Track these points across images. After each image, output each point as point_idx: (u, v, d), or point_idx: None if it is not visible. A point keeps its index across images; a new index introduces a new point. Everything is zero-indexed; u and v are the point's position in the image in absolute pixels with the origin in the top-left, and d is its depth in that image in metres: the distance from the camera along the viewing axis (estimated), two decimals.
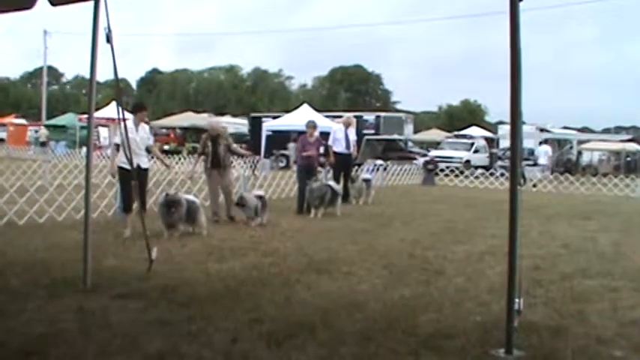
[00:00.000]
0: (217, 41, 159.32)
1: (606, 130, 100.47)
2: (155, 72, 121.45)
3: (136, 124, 13.10)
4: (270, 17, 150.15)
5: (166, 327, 6.95)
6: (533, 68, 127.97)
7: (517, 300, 6.58)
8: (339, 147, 21.18)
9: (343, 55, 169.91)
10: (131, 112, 13.42)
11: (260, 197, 15.51)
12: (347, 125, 21.47)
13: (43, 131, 57.11)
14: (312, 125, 18.72)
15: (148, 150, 13.57)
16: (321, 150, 19.32)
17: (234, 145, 16.82)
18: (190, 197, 13.80)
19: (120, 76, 8.62)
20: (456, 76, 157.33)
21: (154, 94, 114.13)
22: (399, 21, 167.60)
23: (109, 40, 8.18)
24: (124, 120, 9.48)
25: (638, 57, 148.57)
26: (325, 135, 22.13)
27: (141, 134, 13.13)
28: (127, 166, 11.57)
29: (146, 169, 13.44)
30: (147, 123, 13.67)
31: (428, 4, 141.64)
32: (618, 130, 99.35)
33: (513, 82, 6.36)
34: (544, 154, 43.13)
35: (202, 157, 16.21)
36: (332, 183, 18.51)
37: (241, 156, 19.08)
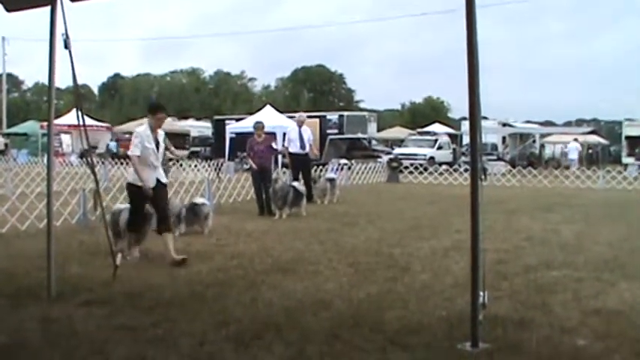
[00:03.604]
0: (181, 45, 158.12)
1: (568, 123, 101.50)
2: (117, 77, 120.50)
3: (153, 130, 11.04)
4: (236, 20, 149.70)
5: (132, 333, 6.92)
6: (497, 63, 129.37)
7: (482, 293, 6.64)
8: (293, 147, 21.12)
9: (306, 55, 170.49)
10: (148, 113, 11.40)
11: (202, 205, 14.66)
12: (300, 124, 21.45)
13: (0, 139, 56.49)
14: (260, 126, 18.64)
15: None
16: (274, 145, 19.21)
17: (172, 148, 14.95)
18: None
19: (81, 81, 8.60)
20: (419, 73, 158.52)
21: (116, 100, 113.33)
22: (360, 20, 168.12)
23: (66, 46, 8.13)
24: (85, 127, 9.37)
25: (601, 51, 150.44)
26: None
27: (160, 143, 11.17)
28: (139, 183, 10.79)
29: (165, 185, 11.50)
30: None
31: (390, 4, 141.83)
32: (580, 122, 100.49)
33: (471, 79, 6.43)
34: (574, 150, 47.53)
35: None
36: (296, 183, 18.51)
37: (176, 156, 18.24)
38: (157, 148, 11.00)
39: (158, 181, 11.06)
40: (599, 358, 6.20)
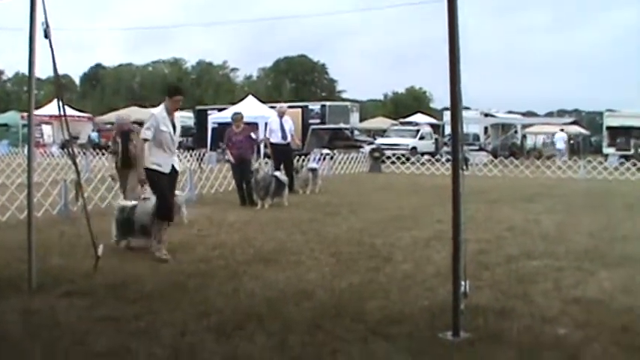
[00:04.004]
0: (163, 35, 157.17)
1: (549, 114, 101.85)
2: (99, 67, 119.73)
3: (170, 113, 10.77)
4: (219, 10, 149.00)
5: (114, 324, 6.91)
6: (480, 54, 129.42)
7: (463, 283, 6.67)
8: (275, 138, 21.16)
9: (288, 46, 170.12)
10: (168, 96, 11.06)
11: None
12: (281, 115, 21.50)
13: None
14: (238, 117, 18.63)
15: None
16: (253, 135, 19.13)
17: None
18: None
19: (62, 71, 8.56)
20: (401, 64, 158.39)
21: (97, 90, 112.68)
22: (342, 11, 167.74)
23: (47, 35, 8.08)
24: (65, 117, 9.31)
25: (583, 43, 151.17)
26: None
27: (177, 126, 10.96)
28: (162, 169, 10.43)
29: (177, 173, 11.28)
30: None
31: None
32: (561, 113, 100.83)
33: (452, 70, 6.44)
34: (561, 139, 48.31)
35: (113, 155, 14.26)
36: (278, 173, 18.47)
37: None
38: (174, 131, 10.72)
39: (173, 167, 10.73)
40: (579, 346, 6.24)
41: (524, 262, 10.10)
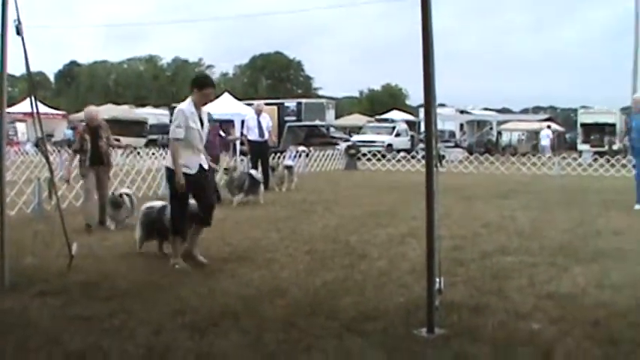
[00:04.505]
0: (139, 32, 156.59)
1: (525, 111, 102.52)
2: (73, 64, 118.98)
3: (198, 108, 9.70)
4: (194, 7, 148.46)
5: (88, 323, 6.86)
6: (457, 51, 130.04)
7: (437, 280, 6.69)
8: (252, 135, 21.45)
9: (264, 42, 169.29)
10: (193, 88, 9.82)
11: (127, 195, 13.74)
12: (258, 112, 21.69)
13: None
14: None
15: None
16: (222, 133, 19.00)
17: (112, 140, 14.21)
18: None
19: (36, 69, 8.56)
20: (377, 60, 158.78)
21: (72, 87, 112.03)
22: (318, 7, 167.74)
23: (19, 32, 8.02)
24: (39, 114, 9.21)
25: (559, 41, 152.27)
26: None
27: (205, 123, 9.87)
28: (189, 170, 9.49)
29: (207, 171, 10.13)
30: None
31: None
32: (536, 110, 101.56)
33: (426, 67, 6.46)
34: (546, 137, 49.44)
35: (79, 153, 13.51)
36: (252, 171, 18.46)
37: (118, 148, 16.97)
38: (202, 128, 9.73)
39: (201, 167, 9.73)
40: (553, 341, 6.26)
41: (498, 258, 10.14)
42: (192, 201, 9.84)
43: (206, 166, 9.89)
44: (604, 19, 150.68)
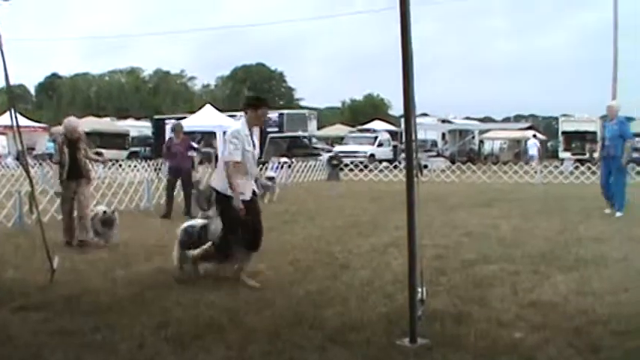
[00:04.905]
0: (120, 44, 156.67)
1: (506, 119, 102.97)
2: (54, 77, 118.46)
3: (251, 128, 9.36)
4: (176, 19, 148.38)
5: (70, 337, 6.82)
6: (438, 60, 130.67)
7: (420, 289, 6.71)
8: None
9: (246, 54, 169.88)
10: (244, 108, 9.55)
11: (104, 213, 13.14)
12: None
13: None
14: (178, 128, 18.13)
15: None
16: (194, 145, 18.81)
17: (90, 153, 13.72)
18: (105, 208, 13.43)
19: (17, 81, 8.61)
20: (359, 71, 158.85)
21: (53, 100, 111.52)
22: (300, 19, 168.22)
23: None
24: (19, 128, 9.20)
25: (540, 48, 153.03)
26: None
27: (256, 144, 9.47)
28: (242, 196, 9.03)
29: (257, 196, 9.91)
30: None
31: (331, 2, 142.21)
32: (518, 118, 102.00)
33: (405, 78, 6.50)
34: (533, 146, 50.04)
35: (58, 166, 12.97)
36: None
37: (95, 161, 15.83)
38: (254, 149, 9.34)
39: (253, 192, 9.41)
40: (535, 349, 6.30)
41: (481, 267, 10.18)
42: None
43: (257, 191, 9.66)
44: (584, 26, 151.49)
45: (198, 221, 10.60)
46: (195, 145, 19.14)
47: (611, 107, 17.35)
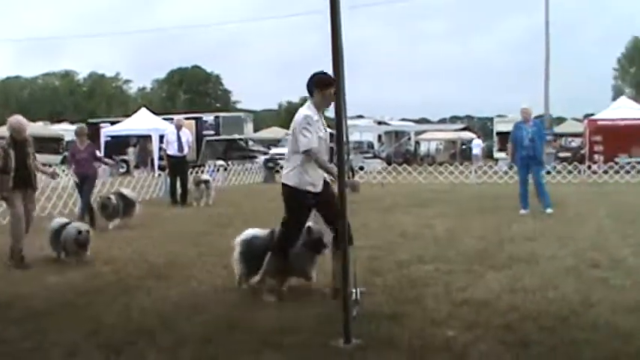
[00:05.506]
0: (54, 46, 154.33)
1: (442, 121, 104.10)
2: None
3: (319, 112, 8.37)
4: (112, 21, 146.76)
5: (0, 345, 6.72)
6: (374, 62, 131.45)
7: (354, 290, 6.74)
8: (171, 150, 21.54)
9: (182, 57, 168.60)
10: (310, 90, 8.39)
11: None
12: (178, 127, 21.67)
13: None
14: (82, 132, 17.10)
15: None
16: (98, 153, 17.86)
17: (39, 165, 12.26)
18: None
19: None
20: (295, 73, 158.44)
21: None
22: (235, 21, 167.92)
23: None
24: None
25: (475, 51, 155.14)
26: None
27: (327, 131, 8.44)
28: (315, 189, 8.22)
29: (329, 185, 8.53)
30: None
31: (266, 5, 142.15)
32: (454, 119, 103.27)
33: (336, 79, 6.53)
34: (477, 146, 51.41)
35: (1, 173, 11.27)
36: (124, 190, 17.75)
37: (43, 173, 12.95)
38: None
39: (325, 182, 8.45)
40: (467, 347, 6.38)
41: (416, 267, 10.25)
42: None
43: (328, 180, 8.48)
44: (519, 28, 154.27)
45: (258, 230, 9.40)
46: (99, 154, 18.32)
47: (526, 110, 17.89)
